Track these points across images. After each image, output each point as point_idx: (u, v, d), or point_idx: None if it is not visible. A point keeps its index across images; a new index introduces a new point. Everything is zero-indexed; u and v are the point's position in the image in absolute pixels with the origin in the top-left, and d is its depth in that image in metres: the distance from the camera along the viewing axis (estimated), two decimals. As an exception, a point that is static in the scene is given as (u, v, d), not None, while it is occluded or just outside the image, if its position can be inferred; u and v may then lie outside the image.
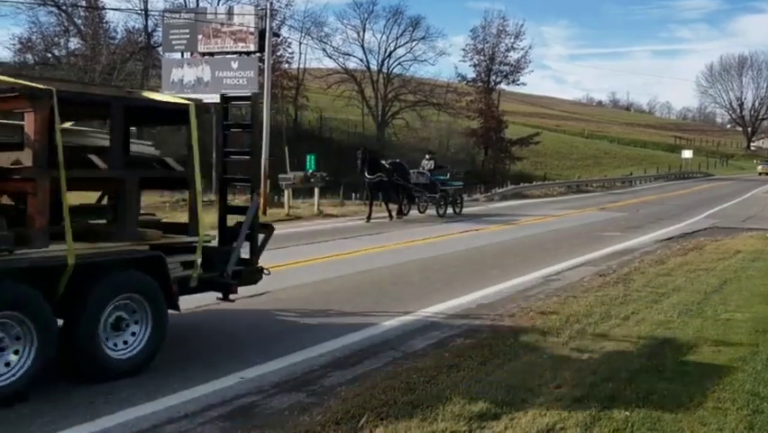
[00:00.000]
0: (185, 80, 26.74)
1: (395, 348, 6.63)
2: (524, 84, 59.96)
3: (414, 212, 20.99)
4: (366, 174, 18.92)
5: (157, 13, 37.21)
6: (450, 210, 21.08)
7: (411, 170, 20.91)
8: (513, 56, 56.90)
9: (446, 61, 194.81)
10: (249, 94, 12.57)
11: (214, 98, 28.70)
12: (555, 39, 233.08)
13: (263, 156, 21.95)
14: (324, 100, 57.38)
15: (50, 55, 39.91)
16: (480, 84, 57.21)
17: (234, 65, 25.72)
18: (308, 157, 21.48)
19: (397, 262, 11.88)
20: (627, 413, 4.89)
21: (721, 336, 6.88)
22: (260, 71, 25.46)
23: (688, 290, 9.17)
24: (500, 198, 30.11)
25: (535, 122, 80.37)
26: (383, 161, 19.96)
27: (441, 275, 10.58)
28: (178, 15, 29.17)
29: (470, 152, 56.13)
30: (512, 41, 56.50)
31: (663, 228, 17.98)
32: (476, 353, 6.24)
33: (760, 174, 62.17)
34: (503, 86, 59.19)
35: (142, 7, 40.47)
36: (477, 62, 56.86)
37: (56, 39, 39.65)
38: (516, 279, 10.28)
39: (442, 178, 21.28)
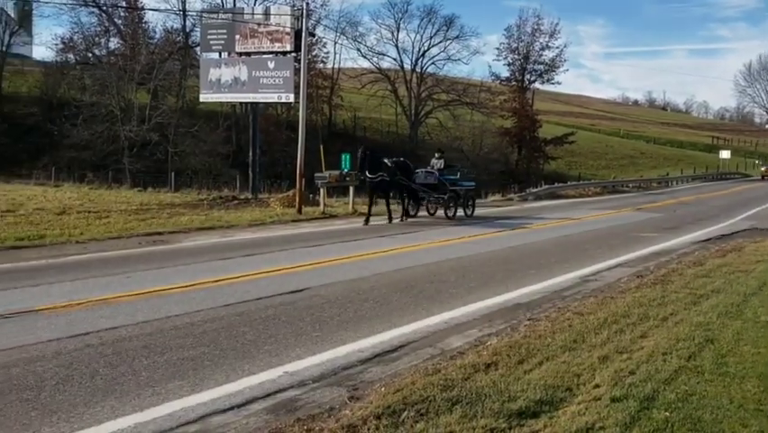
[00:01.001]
0: (222, 80, 27.32)
1: (432, 346, 6.70)
2: (558, 83, 59.66)
3: (423, 213, 20.14)
4: (367, 174, 17.92)
5: (195, 14, 37.73)
6: (461, 212, 19.96)
7: (419, 170, 20.09)
8: (548, 55, 56.63)
9: (480, 60, 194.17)
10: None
11: (250, 98, 29.03)
12: (591, 37, 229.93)
13: (299, 155, 22.18)
14: (358, 99, 57.62)
15: (90, 55, 40.73)
16: (513, 83, 56.96)
17: (271, 65, 26.16)
18: (343, 156, 21.60)
19: (432, 260, 11.94)
20: (667, 414, 4.88)
21: (761, 338, 6.81)
22: (296, 71, 25.76)
23: (727, 292, 9.06)
24: (534, 198, 29.94)
25: (570, 121, 79.68)
26: (386, 160, 18.83)
27: (477, 274, 10.61)
28: (216, 16, 29.76)
29: (504, 152, 55.87)
30: (547, 39, 56.23)
31: (701, 229, 17.75)
32: (513, 352, 6.27)
33: (763, 177, 57.05)
34: (537, 85, 58.98)
35: (180, 8, 41.03)
36: (511, 61, 56.69)
37: (97, 39, 40.46)
38: (552, 279, 10.27)
39: (452, 178, 20.05)
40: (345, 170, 21.02)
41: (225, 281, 9.29)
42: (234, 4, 38.69)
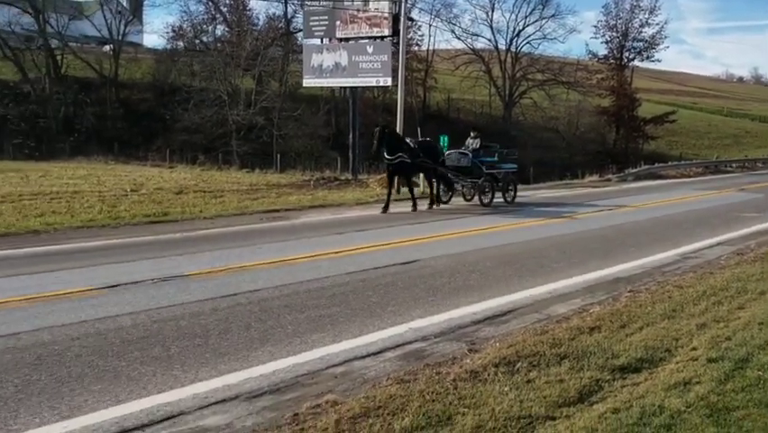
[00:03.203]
0: (324, 65, 28.41)
1: (538, 312, 7.34)
2: (658, 60, 58.04)
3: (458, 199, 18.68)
4: (385, 155, 16.33)
5: (296, 1, 39.11)
6: (499, 198, 18.16)
7: (452, 151, 18.62)
8: (647, 32, 55.20)
9: (576, 39, 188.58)
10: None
11: (350, 83, 29.99)
12: (693, 12, 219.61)
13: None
14: (451, 81, 57.89)
15: (198, 42, 42.92)
16: (611, 61, 55.85)
17: (370, 49, 27.00)
18: (441, 138, 22.22)
19: (534, 237, 12.51)
20: (760, 373, 5.37)
21: None
22: (393, 55, 26.50)
23: (829, 270, 9.21)
24: (633, 179, 29.66)
25: (670, 99, 77.03)
26: (409, 140, 17.53)
27: (578, 251, 11.11)
28: (317, 3, 30.85)
29: (601, 132, 54.98)
30: (646, 16, 54.81)
31: (808, 210, 17.41)
32: (615, 318, 6.83)
33: None
34: (636, 62, 57.64)
35: (283, -6, 42.62)
36: (609, 39, 55.63)
37: (204, 26, 42.57)
38: (652, 256, 10.63)
39: (489, 159, 18.22)
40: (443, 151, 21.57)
41: (344, 253, 10.24)
42: (334, -9, 39.81)
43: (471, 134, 18.98)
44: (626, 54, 55.90)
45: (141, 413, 4.50)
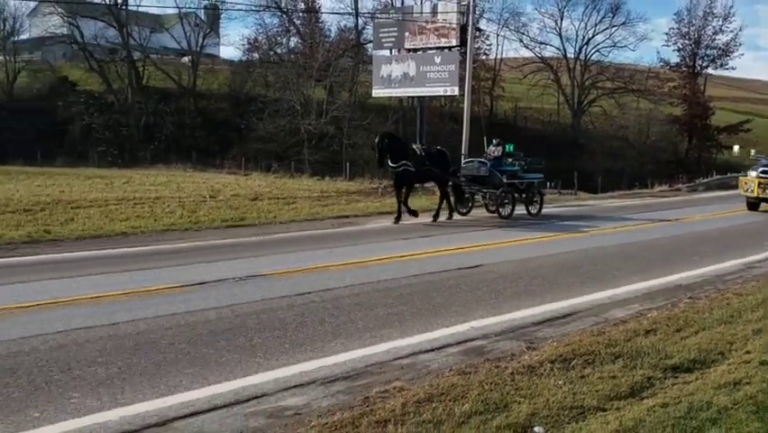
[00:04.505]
0: (392, 75, 29.08)
1: (597, 315, 7.63)
2: (733, 68, 56.78)
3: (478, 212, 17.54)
4: (390, 163, 15.45)
5: (367, 13, 40.02)
6: (522, 210, 16.99)
7: (471, 159, 17.82)
8: (721, 39, 53.93)
9: (647, 46, 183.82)
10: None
11: (417, 92, 30.59)
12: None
13: (463, 146, 23.37)
14: (519, 90, 57.79)
15: (272, 53, 44.41)
16: (684, 69, 54.75)
17: (437, 59, 27.50)
18: (506, 146, 22.44)
19: (594, 246, 12.70)
20: (812, 375, 5.56)
21: None
22: (460, 64, 26.90)
23: None
24: (704, 189, 29.19)
25: (746, 108, 74.49)
26: (415, 146, 16.61)
27: (640, 259, 11.30)
28: (387, 15, 31.56)
29: (672, 141, 53.90)
30: (720, 23, 53.54)
31: None
32: (671, 322, 7.08)
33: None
34: (710, 70, 56.20)
35: (353, 7, 43.61)
36: (681, 46, 54.63)
37: (278, 38, 44.02)
38: (715, 265, 10.72)
39: (510, 169, 17.06)
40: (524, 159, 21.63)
41: (410, 257, 10.75)
42: (403, 3, 40.51)
43: (494, 141, 17.74)
44: (699, 62, 54.77)
45: (229, 393, 5.07)
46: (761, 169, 19.66)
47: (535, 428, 4.46)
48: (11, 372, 5.32)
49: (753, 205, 19.90)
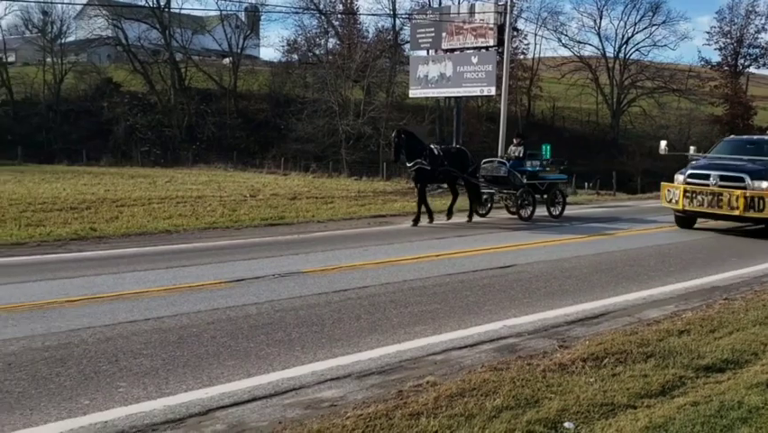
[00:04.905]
0: (429, 76, 29.19)
1: (630, 315, 7.67)
2: (776, 67, 55.12)
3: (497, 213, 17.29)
4: (406, 162, 15.20)
5: (404, 14, 40.22)
6: (543, 212, 16.52)
7: (491, 159, 17.23)
8: (764, 37, 53.12)
9: (688, 45, 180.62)
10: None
11: (454, 93, 30.58)
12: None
13: (500, 146, 23.38)
14: (557, 89, 57.36)
15: (311, 55, 44.92)
16: (725, 68, 53.75)
17: (474, 60, 27.51)
18: (543, 147, 22.39)
19: (631, 247, 12.64)
20: None
21: None
22: (497, 64, 26.88)
23: None
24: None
25: (793, 107, 72.76)
26: (433, 146, 15.91)
27: (676, 260, 11.24)
28: (425, 15, 31.66)
29: (713, 141, 52.86)
30: (763, 21, 52.53)
31: None
32: (705, 323, 7.09)
33: None
34: (752, 69, 55.03)
35: (391, 8, 43.83)
36: (723, 45, 53.67)
37: (317, 40, 44.52)
38: (754, 267, 10.64)
39: (530, 169, 16.65)
40: (546, 160, 21.73)
41: (445, 256, 10.88)
42: (440, 3, 40.60)
43: (514, 141, 17.48)
44: (741, 61, 53.80)
45: (268, 385, 5.27)
46: (689, 172, 14.89)
47: (566, 424, 4.56)
48: (62, 362, 5.60)
49: (683, 221, 15.23)
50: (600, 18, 56.46)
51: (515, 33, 45.11)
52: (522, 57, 51.39)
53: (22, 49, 56.05)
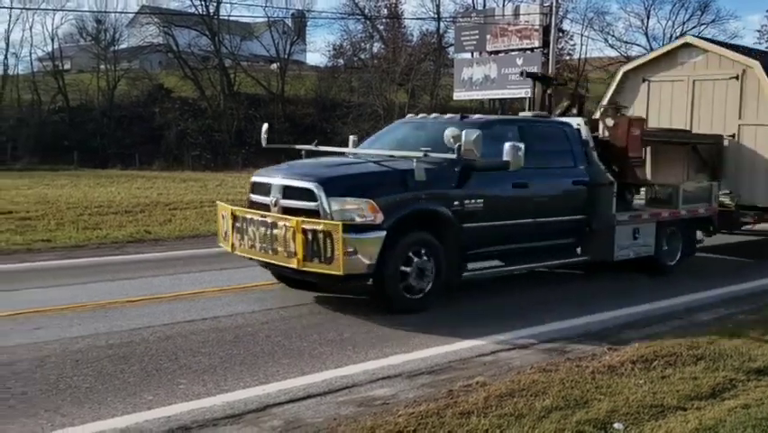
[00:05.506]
0: (473, 78, 29.15)
1: (681, 318, 7.65)
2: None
3: None
4: None
5: (448, 17, 40.28)
6: None
7: None
8: (815, 35, 51.02)
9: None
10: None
11: (498, 95, 30.28)
12: None
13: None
14: (603, 90, 56.47)
15: (356, 59, 45.31)
16: (780, 66, 52.18)
17: (519, 61, 27.44)
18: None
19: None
20: None
21: None
22: (542, 65, 26.72)
23: None
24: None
25: None
26: None
27: (729, 263, 11.08)
28: (469, 18, 31.70)
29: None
30: (816, 18, 50.64)
31: None
32: (758, 326, 7.04)
33: None
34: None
35: (435, 12, 43.95)
36: (774, 43, 51.95)
37: (362, 44, 44.87)
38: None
39: None
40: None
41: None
42: (484, 6, 40.58)
43: None
44: (795, 58, 52.09)
45: (322, 383, 5.44)
46: (254, 179, 8.79)
47: (615, 425, 4.62)
48: (124, 359, 5.86)
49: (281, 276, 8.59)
50: (648, 18, 55.57)
51: (560, 34, 44.70)
52: (568, 58, 50.80)
53: (77, 57, 57.75)
